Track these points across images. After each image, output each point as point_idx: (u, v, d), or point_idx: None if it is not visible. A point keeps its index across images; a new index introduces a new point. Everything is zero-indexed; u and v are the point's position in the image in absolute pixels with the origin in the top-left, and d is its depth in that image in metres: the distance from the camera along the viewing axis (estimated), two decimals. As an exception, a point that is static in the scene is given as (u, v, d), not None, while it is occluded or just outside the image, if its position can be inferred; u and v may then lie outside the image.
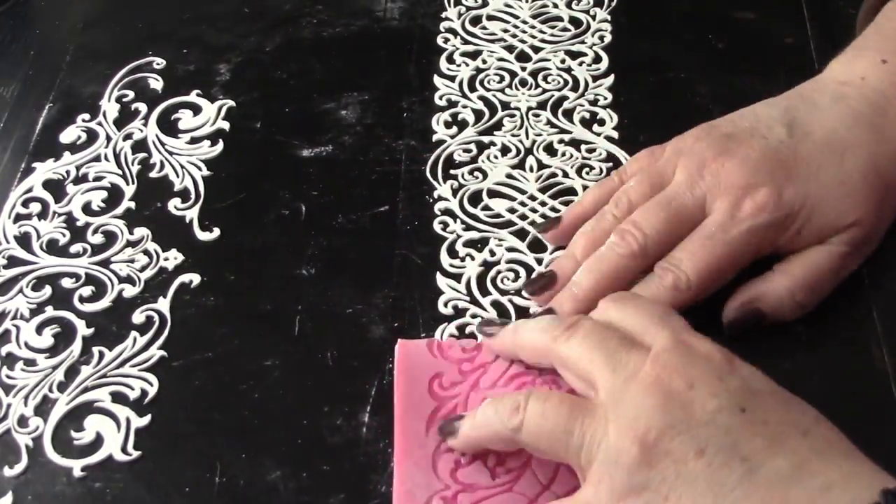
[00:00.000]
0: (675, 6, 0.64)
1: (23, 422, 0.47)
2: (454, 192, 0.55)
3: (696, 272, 0.46)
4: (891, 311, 0.48)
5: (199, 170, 0.57)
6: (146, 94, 0.61)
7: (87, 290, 0.51)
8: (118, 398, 0.47)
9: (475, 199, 0.55)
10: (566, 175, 0.55)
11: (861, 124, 0.49)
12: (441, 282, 0.51)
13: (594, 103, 0.59)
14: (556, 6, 0.65)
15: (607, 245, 0.48)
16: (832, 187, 0.47)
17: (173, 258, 0.53)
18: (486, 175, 0.55)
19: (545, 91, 0.59)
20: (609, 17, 0.64)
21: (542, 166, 0.56)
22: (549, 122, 0.58)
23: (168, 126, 0.59)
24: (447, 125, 0.58)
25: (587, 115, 0.58)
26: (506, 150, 0.57)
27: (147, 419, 0.46)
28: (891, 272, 0.50)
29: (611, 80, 0.60)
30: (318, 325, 0.50)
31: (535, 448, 0.40)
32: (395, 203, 0.54)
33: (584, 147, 0.56)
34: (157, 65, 0.63)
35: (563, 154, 0.56)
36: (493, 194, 0.55)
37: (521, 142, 0.57)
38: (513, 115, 0.58)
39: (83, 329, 0.50)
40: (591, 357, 0.40)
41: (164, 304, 0.51)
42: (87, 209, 0.55)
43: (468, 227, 0.53)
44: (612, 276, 0.47)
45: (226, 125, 0.59)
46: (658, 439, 0.36)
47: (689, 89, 0.59)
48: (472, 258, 0.52)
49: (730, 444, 0.36)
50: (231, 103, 0.60)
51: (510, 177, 0.55)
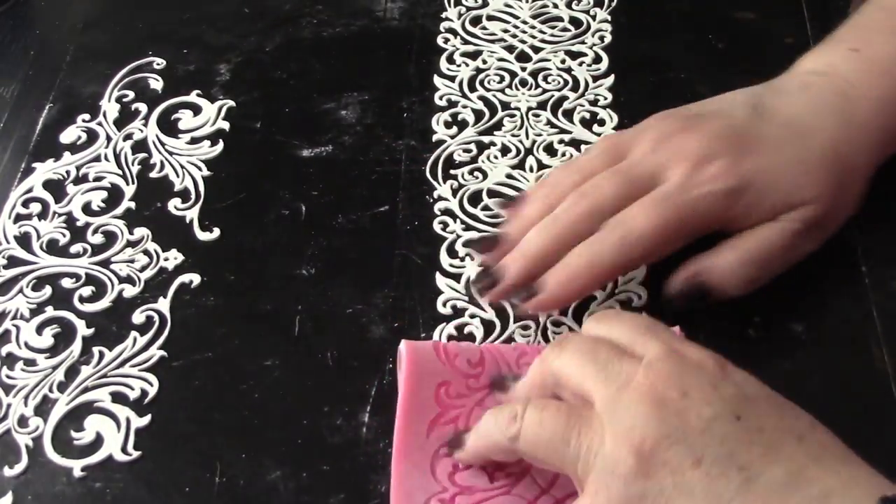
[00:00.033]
0: (675, 6, 0.64)
1: (23, 422, 0.47)
2: (454, 192, 0.55)
3: (644, 231, 0.46)
4: (891, 311, 0.48)
5: (199, 170, 0.57)
6: (146, 94, 0.61)
7: (87, 290, 0.51)
8: (118, 398, 0.47)
9: (475, 199, 0.55)
10: (566, 175, 0.55)
11: (826, 110, 0.49)
12: (441, 282, 0.51)
13: (594, 103, 0.59)
14: (556, 6, 0.65)
15: (560, 207, 0.48)
16: (790, 164, 0.48)
17: (173, 258, 0.53)
18: (486, 175, 0.56)
19: (545, 91, 0.59)
20: (609, 17, 0.64)
21: (542, 166, 0.56)
22: (549, 123, 0.58)
23: (168, 126, 0.59)
24: (447, 125, 0.58)
25: (587, 116, 0.58)
26: (506, 151, 0.57)
27: (147, 419, 0.46)
28: (891, 272, 0.50)
29: (611, 80, 0.60)
30: (318, 325, 0.50)
31: (532, 457, 0.40)
32: (395, 203, 0.54)
33: (583, 147, 0.56)
34: (157, 65, 0.63)
35: (563, 154, 0.56)
36: (492, 194, 0.55)
37: (521, 142, 0.57)
38: (513, 116, 0.58)
39: (83, 329, 0.50)
40: (583, 369, 0.39)
41: (164, 304, 0.51)
42: (87, 209, 0.55)
43: (468, 227, 0.53)
44: (563, 238, 0.47)
45: (226, 125, 0.59)
46: (654, 449, 0.36)
47: (689, 89, 0.59)
48: (472, 258, 0.52)
49: (726, 454, 0.36)
50: (231, 103, 0.60)
51: (510, 177, 0.55)
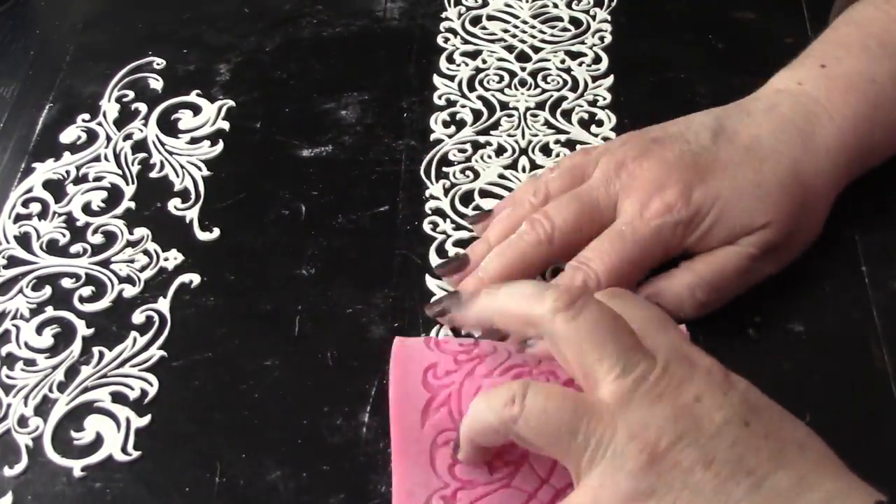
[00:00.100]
0: (675, 6, 0.64)
1: (23, 422, 0.47)
2: (446, 192, 0.55)
3: (605, 270, 0.46)
4: (891, 311, 0.48)
5: (199, 170, 0.57)
6: (146, 94, 0.61)
7: (87, 290, 0.51)
8: (118, 398, 0.47)
9: (467, 199, 0.55)
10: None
11: (788, 132, 0.49)
12: (430, 283, 0.51)
13: (593, 104, 0.59)
14: (556, 6, 0.65)
15: (517, 233, 0.49)
16: (746, 189, 0.48)
17: (173, 258, 0.53)
18: (478, 175, 0.56)
19: (544, 91, 0.59)
20: (609, 18, 0.64)
21: (534, 167, 0.56)
22: (546, 123, 0.58)
23: (168, 126, 0.59)
24: (445, 125, 0.58)
25: (586, 116, 0.58)
26: (501, 151, 0.57)
27: (147, 419, 0.46)
28: (891, 272, 0.50)
29: (610, 80, 0.60)
30: (318, 325, 0.50)
31: (530, 443, 0.39)
32: (395, 203, 0.54)
33: (579, 148, 0.56)
34: (157, 65, 0.63)
35: (559, 155, 0.56)
36: (484, 194, 0.55)
37: (517, 142, 0.57)
38: (510, 116, 0.58)
39: (83, 329, 0.50)
40: (602, 350, 0.38)
41: (164, 304, 0.51)
42: (87, 209, 0.55)
43: (458, 227, 0.53)
44: (519, 263, 0.48)
45: (226, 125, 0.59)
46: (668, 449, 0.36)
47: (689, 89, 0.59)
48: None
49: (736, 457, 0.36)
50: (231, 103, 0.60)
51: (502, 177, 0.55)
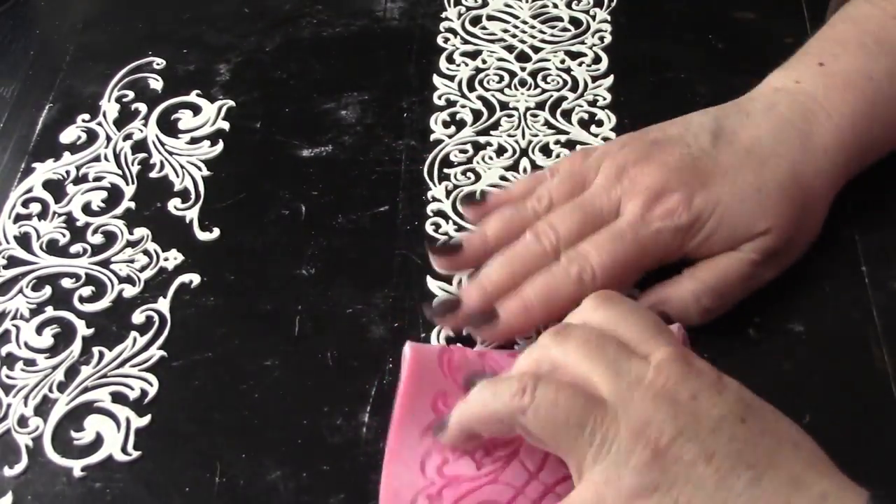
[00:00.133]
0: (675, 6, 0.64)
1: (23, 422, 0.47)
2: (448, 194, 0.55)
3: (601, 267, 0.46)
4: (891, 311, 0.48)
5: (199, 170, 0.57)
6: (146, 94, 0.61)
7: (87, 290, 0.51)
8: (118, 398, 0.47)
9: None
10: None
11: (787, 132, 0.49)
12: (432, 284, 0.51)
13: (593, 104, 0.59)
14: (556, 6, 0.65)
15: (522, 243, 0.48)
16: (746, 194, 0.48)
17: (173, 258, 0.53)
18: (479, 176, 0.55)
19: (544, 91, 0.59)
20: (609, 18, 0.64)
21: (535, 167, 0.56)
22: (546, 123, 0.58)
23: (168, 126, 0.59)
24: (445, 125, 0.58)
25: (585, 116, 0.58)
26: (502, 151, 0.57)
27: (147, 419, 0.46)
28: (891, 272, 0.50)
29: (610, 80, 0.60)
30: (318, 325, 0.50)
31: (535, 434, 0.40)
32: (395, 203, 0.54)
33: (580, 148, 0.56)
34: (157, 65, 0.63)
35: (559, 155, 0.56)
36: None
37: (517, 142, 0.57)
38: (510, 116, 0.58)
39: (83, 329, 0.50)
40: (591, 362, 0.40)
41: (164, 304, 0.51)
42: (87, 209, 0.55)
43: (460, 228, 0.53)
44: (522, 274, 0.47)
45: (226, 125, 0.59)
46: (669, 444, 0.37)
47: (688, 89, 0.59)
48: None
49: (736, 452, 0.37)
50: (231, 103, 0.60)
51: (503, 178, 0.55)
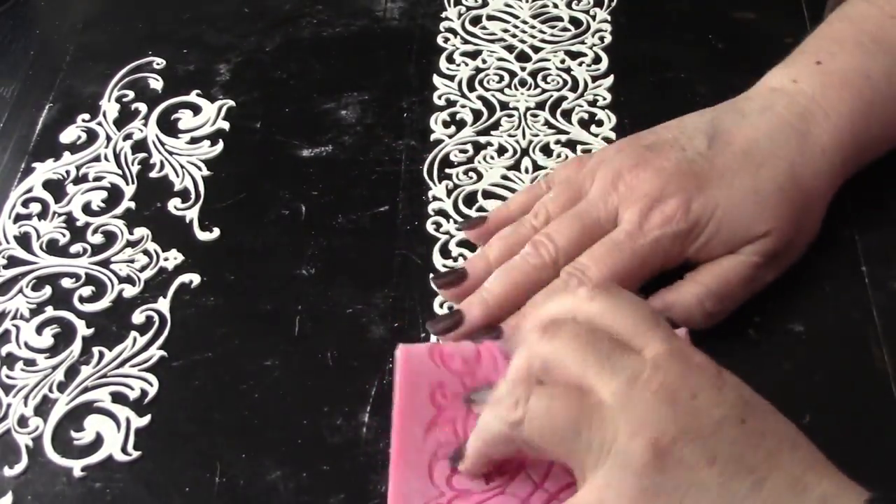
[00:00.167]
0: (675, 6, 0.64)
1: (23, 422, 0.47)
2: (448, 193, 0.55)
3: (600, 279, 0.46)
4: (891, 311, 0.48)
5: (199, 170, 0.57)
6: (146, 94, 0.61)
7: (87, 290, 0.51)
8: (118, 398, 0.47)
9: (470, 200, 0.54)
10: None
11: (784, 133, 0.49)
12: (431, 283, 0.50)
13: (593, 104, 0.59)
14: (556, 6, 0.65)
15: (521, 255, 0.48)
16: (744, 197, 0.47)
17: (173, 258, 0.53)
18: (481, 176, 0.56)
19: (544, 91, 0.59)
20: (609, 17, 0.64)
21: (536, 167, 0.56)
22: (547, 123, 0.58)
23: (168, 126, 0.59)
24: (445, 125, 0.58)
25: (586, 116, 0.58)
26: (502, 151, 0.57)
27: (147, 419, 0.46)
28: (891, 272, 0.50)
29: (610, 80, 0.60)
30: (318, 325, 0.50)
31: (534, 445, 0.39)
32: (395, 203, 0.54)
33: (580, 148, 0.56)
34: (157, 65, 0.63)
35: (559, 155, 0.56)
36: (487, 195, 0.55)
37: (517, 142, 0.57)
38: (511, 116, 0.58)
39: (83, 329, 0.50)
40: (583, 359, 0.39)
41: (164, 304, 0.51)
42: (87, 209, 0.55)
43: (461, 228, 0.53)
44: (523, 285, 0.47)
45: (226, 125, 0.59)
46: (670, 446, 0.36)
47: (689, 89, 0.59)
48: (465, 258, 0.51)
49: (737, 455, 0.36)
50: (231, 103, 0.60)
51: (505, 178, 0.55)
